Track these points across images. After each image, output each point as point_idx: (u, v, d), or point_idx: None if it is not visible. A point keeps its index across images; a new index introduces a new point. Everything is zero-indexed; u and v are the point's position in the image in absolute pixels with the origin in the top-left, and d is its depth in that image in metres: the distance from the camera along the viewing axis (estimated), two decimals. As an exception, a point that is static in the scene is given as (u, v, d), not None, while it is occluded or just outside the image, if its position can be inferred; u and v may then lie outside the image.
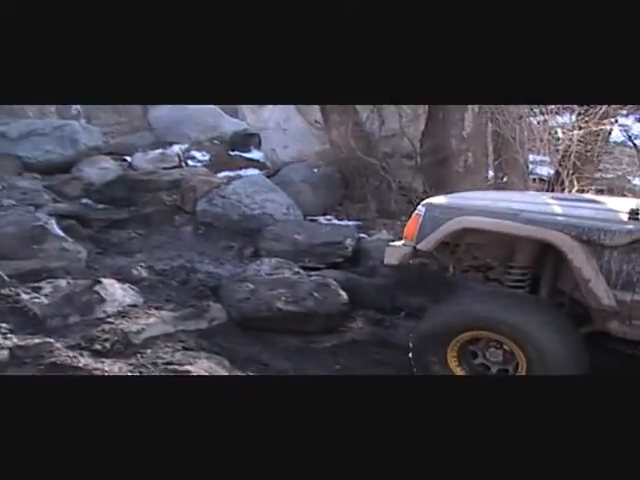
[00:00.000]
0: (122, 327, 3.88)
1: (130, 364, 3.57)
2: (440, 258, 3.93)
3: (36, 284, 4.27)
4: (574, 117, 8.17)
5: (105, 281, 4.34)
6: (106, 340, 3.73)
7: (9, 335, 3.68)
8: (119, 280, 4.54)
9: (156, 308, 4.22)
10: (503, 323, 3.40)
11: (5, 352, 3.44)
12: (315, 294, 4.43)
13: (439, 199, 3.97)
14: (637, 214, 3.33)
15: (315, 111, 7.61)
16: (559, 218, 3.46)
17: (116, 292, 4.28)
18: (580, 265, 3.34)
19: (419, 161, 7.22)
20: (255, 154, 9.34)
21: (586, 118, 7.82)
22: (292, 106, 8.51)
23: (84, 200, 6.89)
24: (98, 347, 3.66)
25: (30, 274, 4.68)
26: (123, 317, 4.04)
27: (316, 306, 4.39)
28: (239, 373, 3.75)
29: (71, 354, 3.53)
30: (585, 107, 7.89)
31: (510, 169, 6.99)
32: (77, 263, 5.05)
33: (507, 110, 8.37)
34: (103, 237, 6.03)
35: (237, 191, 6.76)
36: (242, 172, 8.41)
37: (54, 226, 5.28)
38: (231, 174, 8.24)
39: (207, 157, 9.21)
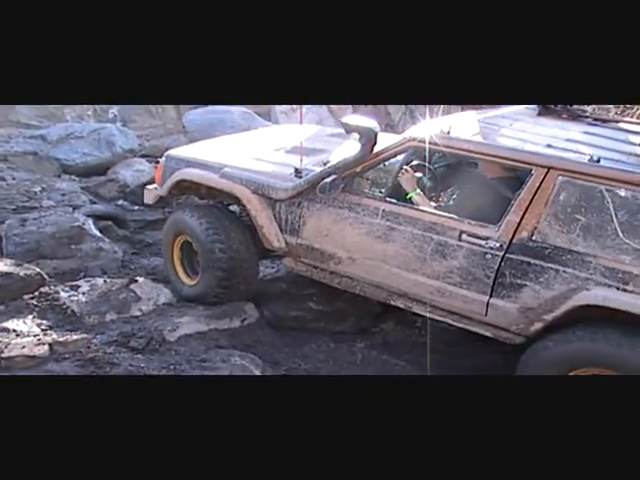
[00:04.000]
0: (157, 325, 3.97)
1: (165, 361, 3.65)
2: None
3: (74, 283, 4.37)
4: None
5: (140, 280, 4.43)
6: (142, 337, 3.82)
7: (49, 332, 3.80)
8: (154, 279, 4.63)
9: (189, 307, 4.29)
10: (187, 225, 4.27)
11: (45, 347, 3.55)
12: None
13: (177, 150, 4.76)
14: (299, 173, 3.91)
15: (348, 114, 7.63)
16: (245, 174, 4.11)
17: (151, 291, 4.36)
18: (255, 214, 4.04)
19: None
20: (287, 156, 9.39)
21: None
22: (325, 109, 8.58)
23: (120, 202, 6.97)
24: (134, 344, 3.75)
25: (68, 273, 4.81)
26: (158, 315, 4.12)
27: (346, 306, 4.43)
28: (270, 371, 3.81)
29: (108, 350, 3.63)
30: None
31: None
32: (113, 263, 5.15)
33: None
34: (138, 238, 6.12)
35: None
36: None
37: (91, 227, 5.37)
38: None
39: (240, 160, 9.28)
